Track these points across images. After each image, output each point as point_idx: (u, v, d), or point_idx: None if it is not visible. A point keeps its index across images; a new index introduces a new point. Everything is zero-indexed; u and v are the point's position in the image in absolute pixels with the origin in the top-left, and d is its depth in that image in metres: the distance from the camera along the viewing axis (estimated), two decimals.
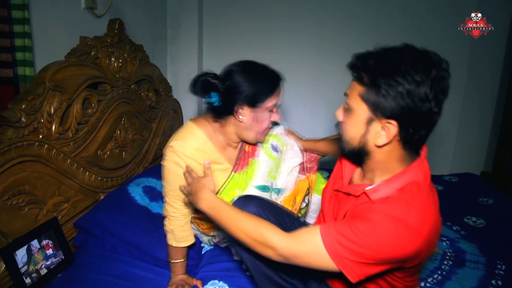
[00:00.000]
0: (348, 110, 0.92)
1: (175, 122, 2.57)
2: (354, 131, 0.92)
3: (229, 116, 1.30)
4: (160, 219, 1.57)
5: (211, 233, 1.50)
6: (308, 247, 0.88)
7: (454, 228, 1.88)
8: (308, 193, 1.55)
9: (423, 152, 0.94)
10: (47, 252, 1.34)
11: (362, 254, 0.83)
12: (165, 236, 1.39)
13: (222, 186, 1.35)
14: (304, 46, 2.67)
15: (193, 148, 1.30)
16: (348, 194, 1.03)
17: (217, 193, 1.32)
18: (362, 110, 0.87)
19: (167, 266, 1.43)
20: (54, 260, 1.36)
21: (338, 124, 0.98)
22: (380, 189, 0.91)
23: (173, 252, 1.38)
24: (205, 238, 1.57)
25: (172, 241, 1.36)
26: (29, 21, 1.30)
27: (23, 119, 1.25)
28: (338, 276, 0.90)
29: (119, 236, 1.49)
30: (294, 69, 2.66)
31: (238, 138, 1.36)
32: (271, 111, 1.30)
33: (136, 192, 1.71)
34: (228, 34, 2.70)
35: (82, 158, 1.57)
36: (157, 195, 1.76)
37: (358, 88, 0.88)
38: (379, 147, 0.89)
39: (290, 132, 1.62)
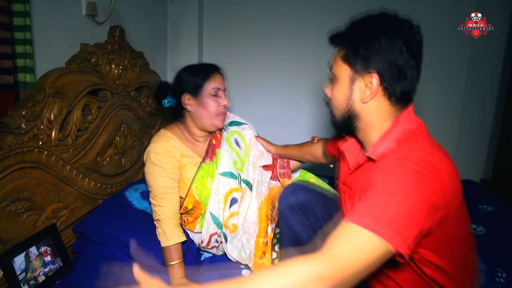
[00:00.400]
0: (333, 79, 0.98)
1: None
2: (341, 95, 0.96)
3: (183, 111, 1.52)
4: None
5: (195, 230, 1.54)
6: (350, 242, 0.74)
7: None
8: None
9: (410, 106, 0.96)
10: (45, 259, 1.34)
11: (397, 214, 0.75)
12: None
13: (194, 176, 1.48)
14: (304, 47, 2.68)
15: (165, 147, 1.45)
16: (356, 171, 1.03)
17: (190, 184, 1.47)
18: (345, 72, 0.94)
19: (165, 269, 1.42)
20: (52, 267, 1.35)
21: (328, 102, 1.03)
22: (378, 146, 0.92)
23: (167, 254, 1.39)
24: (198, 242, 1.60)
25: (164, 241, 1.39)
26: (30, 28, 1.31)
27: (23, 125, 1.25)
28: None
29: (117, 240, 1.49)
30: (295, 74, 2.69)
31: (200, 130, 1.54)
32: (215, 95, 1.48)
33: (134, 197, 1.72)
34: (228, 43, 2.71)
35: (82, 164, 1.57)
36: None
37: (340, 53, 0.95)
38: (365, 102, 0.93)
39: (259, 137, 1.74)
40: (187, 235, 1.60)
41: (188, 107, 1.48)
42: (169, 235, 1.39)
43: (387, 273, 0.95)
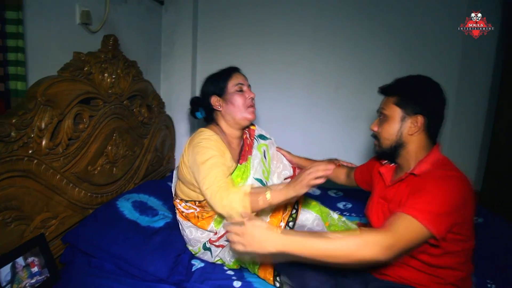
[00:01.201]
0: (383, 119, 1.29)
1: (167, 138, 2.57)
2: (391, 130, 1.26)
3: (214, 113, 1.61)
4: (149, 232, 1.57)
5: (209, 227, 1.55)
6: (399, 224, 1.06)
7: None
8: (297, 206, 1.62)
9: (438, 144, 1.29)
10: (32, 270, 1.31)
11: (438, 207, 1.07)
12: (155, 249, 1.45)
13: (230, 174, 1.51)
14: (299, 57, 2.71)
15: (214, 136, 1.51)
16: (394, 185, 1.31)
17: None
18: (396, 113, 1.25)
19: (155, 280, 1.42)
20: (39, 278, 1.32)
21: (375, 136, 1.33)
22: (420, 166, 1.22)
23: (253, 201, 1.33)
24: (199, 246, 1.61)
25: (244, 201, 1.33)
26: (23, 35, 1.30)
27: (13, 133, 1.24)
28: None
29: (107, 250, 1.47)
30: (289, 81, 2.70)
31: (234, 129, 1.61)
32: (240, 90, 1.57)
33: (125, 207, 1.69)
34: (222, 53, 2.72)
35: (72, 173, 1.55)
36: (147, 209, 1.74)
37: (392, 99, 1.26)
38: (411, 135, 1.24)
39: (281, 149, 1.82)
40: (181, 242, 1.60)
41: (217, 107, 1.58)
42: (233, 193, 1.34)
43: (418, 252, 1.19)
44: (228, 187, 1.37)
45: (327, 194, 2.48)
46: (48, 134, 1.39)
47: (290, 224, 1.57)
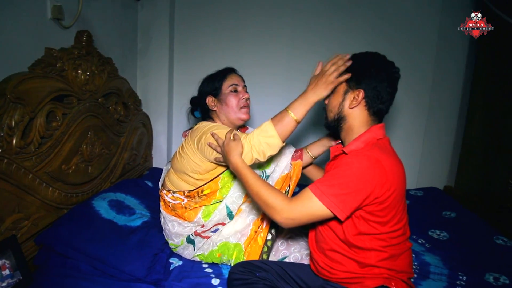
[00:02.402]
0: (332, 93, 1.32)
1: (144, 137, 2.53)
2: (335, 102, 1.31)
3: (210, 113, 1.65)
4: (126, 231, 1.55)
5: (195, 218, 1.57)
6: (304, 202, 1.15)
7: (419, 241, 1.93)
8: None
9: (382, 124, 1.30)
10: (3, 273, 1.27)
11: (340, 184, 1.12)
12: (132, 249, 1.45)
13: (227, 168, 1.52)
14: (276, 54, 2.70)
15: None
16: (333, 160, 1.36)
17: (221, 172, 1.55)
18: (341, 86, 1.29)
19: (132, 279, 1.41)
20: (11, 281, 1.28)
21: (324, 108, 1.38)
22: (351, 144, 1.26)
23: (283, 128, 1.37)
24: (182, 239, 1.62)
25: (271, 130, 1.37)
26: None
27: None
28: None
29: (82, 251, 1.44)
30: (266, 79, 2.70)
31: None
32: (235, 91, 1.62)
33: (101, 206, 1.66)
34: (199, 49, 2.69)
35: (45, 173, 1.51)
36: (124, 208, 1.72)
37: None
38: (352, 108, 1.26)
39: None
40: (158, 241, 1.58)
41: (212, 107, 1.63)
42: (262, 126, 1.39)
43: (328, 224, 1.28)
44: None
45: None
46: (19, 132, 1.34)
47: None
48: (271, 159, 1.63)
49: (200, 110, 1.70)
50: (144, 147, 2.55)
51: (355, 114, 1.27)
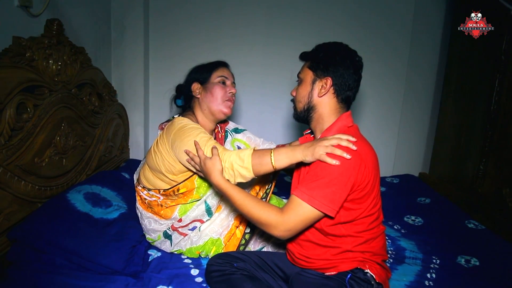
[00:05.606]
0: (299, 82, 1.35)
1: (120, 128, 2.49)
2: (303, 92, 1.32)
3: (192, 100, 1.61)
4: (103, 224, 1.53)
5: (173, 216, 1.55)
6: (295, 210, 1.16)
7: (395, 227, 1.98)
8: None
9: (350, 111, 1.32)
10: None
11: (325, 184, 1.14)
12: (109, 241, 1.42)
13: None
14: (252, 44, 2.69)
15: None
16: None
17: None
18: (309, 76, 1.31)
19: (110, 272, 1.39)
20: None
21: (293, 100, 1.38)
22: (324, 134, 1.27)
23: (259, 156, 1.29)
24: (158, 234, 1.61)
25: (248, 158, 1.29)
26: None
27: None
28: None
29: (58, 245, 1.41)
30: (242, 70, 2.68)
31: (208, 120, 1.60)
32: (223, 83, 1.58)
33: (77, 199, 1.62)
34: (174, 38, 2.65)
35: (17, 166, 1.46)
36: (101, 201, 1.69)
37: (307, 64, 1.33)
38: (321, 97, 1.28)
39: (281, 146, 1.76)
40: (136, 233, 1.56)
41: (196, 94, 1.58)
42: (234, 155, 1.31)
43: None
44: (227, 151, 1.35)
45: (283, 180, 2.52)
46: None
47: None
48: None
49: (184, 99, 1.67)
50: (120, 138, 2.51)
51: (325, 103, 1.29)
